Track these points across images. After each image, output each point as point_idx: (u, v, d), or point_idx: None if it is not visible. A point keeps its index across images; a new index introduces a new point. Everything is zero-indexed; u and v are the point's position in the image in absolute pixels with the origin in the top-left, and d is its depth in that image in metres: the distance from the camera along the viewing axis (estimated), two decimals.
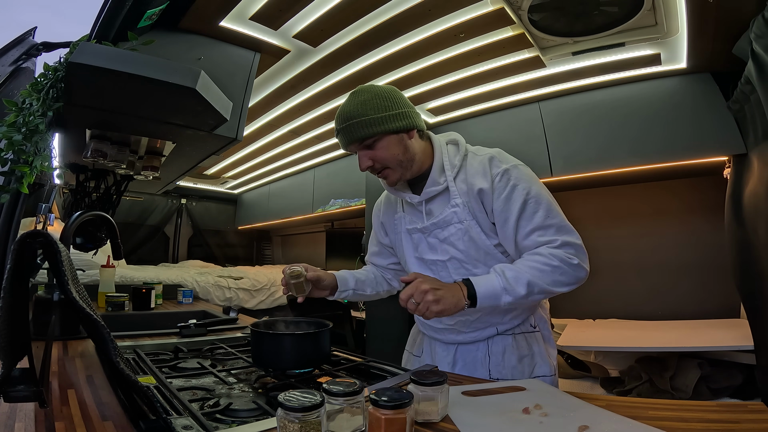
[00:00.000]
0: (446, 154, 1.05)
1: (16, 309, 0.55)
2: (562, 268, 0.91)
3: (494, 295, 0.88)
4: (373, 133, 0.96)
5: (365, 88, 1.00)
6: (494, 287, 0.89)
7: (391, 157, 0.99)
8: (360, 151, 1.00)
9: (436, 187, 1.03)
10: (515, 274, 0.90)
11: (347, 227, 4.19)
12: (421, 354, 1.19)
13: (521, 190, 0.96)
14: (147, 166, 1.80)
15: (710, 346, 1.85)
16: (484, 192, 0.99)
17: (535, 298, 0.92)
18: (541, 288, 0.90)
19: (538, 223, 0.95)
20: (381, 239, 1.26)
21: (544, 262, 0.91)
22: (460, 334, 1.07)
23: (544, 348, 1.07)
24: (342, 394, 0.54)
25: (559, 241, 0.93)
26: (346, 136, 0.98)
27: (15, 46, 1.61)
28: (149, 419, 0.57)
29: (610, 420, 0.58)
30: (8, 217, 1.47)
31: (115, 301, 1.74)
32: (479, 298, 0.87)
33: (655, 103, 2.04)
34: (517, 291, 0.88)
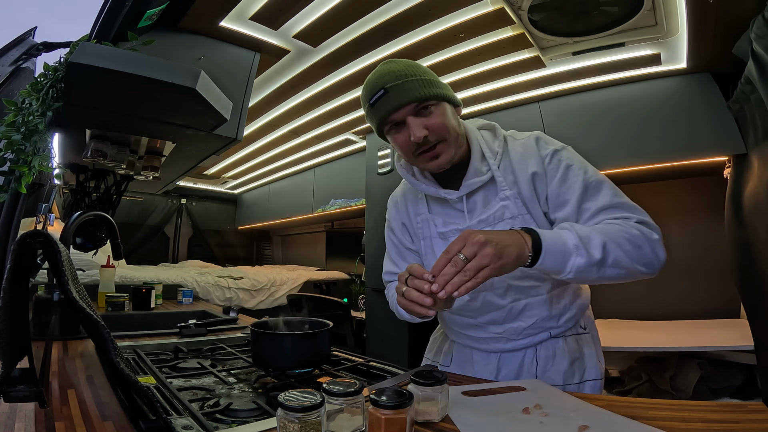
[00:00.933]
0: (482, 140, 0.91)
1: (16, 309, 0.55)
2: (641, 240, 0.75)
3: (564, 252, 0.70)
4: (434, 94, 0.82)
5: (403, 59, 0.87)
6: (564, 241, 0.71)
7: (450, 126, 0.84)
8: (411, 117, 0.82)
9: (479, 178, 0.88)
10: (587, 232, 0.73)
11: (347, 227, 4.19)
12: (449, 364, 1.02)
13: (577, 170, 0.84)
14: (147, 166, 1.80)
15: (710, 346, 1.85)
16: (537, 176, 0.86)
17: (607, 275, 0.73)
18: (616, 258, 0.72)
19: (605, 203, 0.81)
20: (407, 243, 1.04)
21: (620, 229, 0.75)
22: (508, 342, 0.93)
23: (594, 350, 0.95)
24: (342, 394, 0.54)
25: (635, 218, 0.79)
26: (402, 93, 0.80)
27: (15, 46, 1.61)
28: (149, 419, 0.57)
29: (610, 420, 0.58)
30: (8, 217, 1.47)
31: (115, 301, 1.74)
32: (545, 252, 0.69)
33: (654, 103, 2.04)
34: (590, 252, 0.71)
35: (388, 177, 2.92)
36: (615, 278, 0.75)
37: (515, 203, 0.87)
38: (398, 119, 0.83)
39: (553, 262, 0.70)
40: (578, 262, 0.71)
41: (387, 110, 0.82)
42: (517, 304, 0.90)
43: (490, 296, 0.91)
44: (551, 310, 0.91)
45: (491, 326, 0.93)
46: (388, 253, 1.11)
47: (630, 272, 0.75)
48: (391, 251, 1.09)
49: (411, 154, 0.86)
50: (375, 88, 0.83)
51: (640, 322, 2.36)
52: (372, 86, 0.84)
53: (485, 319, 0.93)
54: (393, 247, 1.09)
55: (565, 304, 0.92)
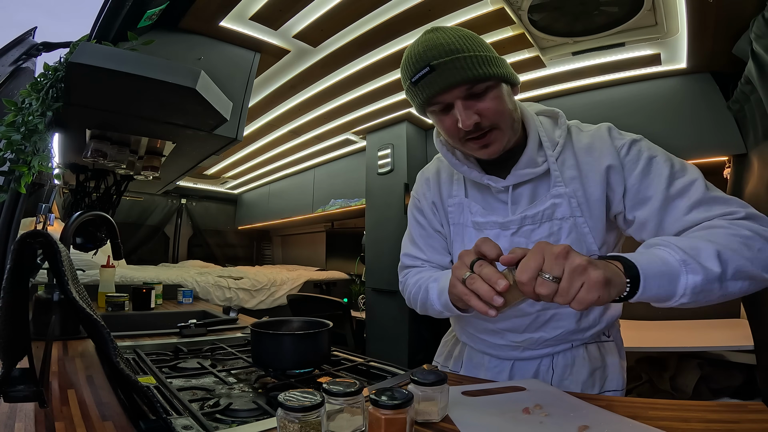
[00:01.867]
0: (541, 127, 0.80)
1: (16, 309, 0.55)
2: (759, 241, 0.60)
3: (669, 272, 0.55)
4: (490, 74, 0.69)
5: (453, 28, 0.73)
6: (664, 260, 0.56)
7: (506, 111, 0.73)
8: (462, 101, 0.70)
9: (532, 169, 0.78)
10: (691, 243, 0.59)
11: (347, 227, 4.19)
12: (459, 369, 0.95)
13: (661, 161, 0.72)
14: (147, 166, 1.80)
15: (710, 346, 1.85)
16: (612, 169, 0.74)
17: (730, 290, 0.58)
18: (738, 266, 0.57)
19: (698, 197, 0.68)
20: (437, 226, 0.92)
21: (729, 232, 0.61)
22: (525, 351, 0.86)
23: (618, 359, 0.87)
24: (342, 394, 0.54)
25: (742, 213, 0.65)
26: (452, 73, 0.68)
27: (15, 46, 1.60)
28: (149, 419, 0.57)
29: (610, 420, 0.58)
30: (8, 217, 1.47)
31: (115, 301, 1.74)
32: (645, 277, 0.54)
33: (654, 103, 2.04)
34: (705, 266, 0.56)
35: (388, 177, 2.92)
36: (738, 293, 0.60)
37: (569, 203, 0.76)
38: (446, 102, 0.72)
39: (658, 288, 0.55)
40: (692, 281, 0.55)
41: (433, 92, 0.70)
42: (545, 314, 0.82)
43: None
44: (579, 324, 0.83)
45: (510, 334, 0.86)
46: (410, 233, 0.97)
47: (756, 282, 0.60)
48: (416, 232, 0.95)
49: (458, 139, 0.75)
50: (419, 64, 0.70)
51: (640, 322, 2.36)
52: (415, 61, 0.71)
53: (506, 325, 0.86)
54: (418, 228, 0.95)
55: (594, 318, 0.84)
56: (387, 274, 2.79)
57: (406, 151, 2.82)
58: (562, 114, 0.83)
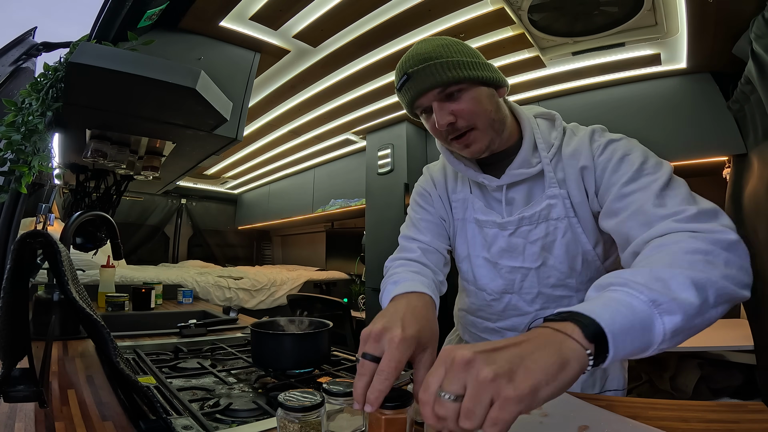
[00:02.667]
0: (537, 129, 0.82)
1: (16, 309, 0.55)
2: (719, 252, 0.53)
3: (641, 322, 0.44)
4: (461, 77, 0.72)
5: (440, 37, 0.79)
6: (632, 307, 0.44)
7: (482, 112, 0.75)
8: (437, 103, 0.75)
9: (526, 170, 0.80)
10: (653, 274, 0.48)
11: (347, 227, 4.19)
12: None
13: (634, 158, 0.72)
14: (147, 166, 1.80)
15: (710, 346, 1.85)
16: (586, 170, 0.76)
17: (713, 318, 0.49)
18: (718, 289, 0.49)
19: (654, 192, 0.66)
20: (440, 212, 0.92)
21: (685, 248, 0.53)
22: None
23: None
24: (342, 394, 0.54)
25: (693, 210, 0.60)
26: (424, 79, 0.73)
27: (15, 46, 1.60)
28: (149, 419, 0.57)
29: (610, 420, 0.58)
30: (8, 217, 1.47)
31: (115, 301, 1.74)
32: (614, 337, 0.41)
33: (655, 103, 2.04)
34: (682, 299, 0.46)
35: (388, 177, 2.92)
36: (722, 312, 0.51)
37: (563, 203, 0.78)
38: (424, 106, 0.77)
39: (632, 344, 0.43)
40: (671, 323, 0.45)
41: (411, 96, 0.76)
42: (544, 312, 0.83)
43: (517, 300, 0.85)
44: None
45: (510, 333, 0.87)
46: (410, 218, 0.95)
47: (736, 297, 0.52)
48: (417, 216, 0.93)
49: (443, 139, 0.80)
50: (399, 73, 0.78)
51: None
52: (398, 70, 0.78)
53: (505, 324, 0.88)
54: (422, 212, 0.93)
55: None
56: None
57: (406, 151, 2.82)
58: (559, 116, 0.84)
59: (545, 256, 0.81)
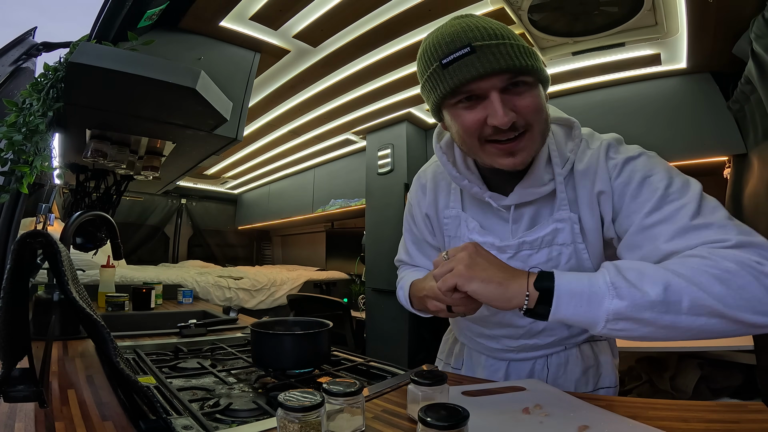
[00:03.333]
0: (552, 139, 0.72)
1: (16, 309, 0.55)
2: (741, 275, 0.49)
3: (591, 294, 0.50)
4: (535, 67, 0.61)
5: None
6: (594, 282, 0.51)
7: (543, 112, 0.64)
8: (499, 93, 0.61)
9: (538, 189, 0.70)
10: (642, 268, 0.52)
11: (347, 227, 4.20)
12: (461, 367, 0.97)
13: (656, 181, 0.63)
14: (147, 166, 1.81)
15: (710, 346, 1.85)
16: (603, 195, 0.67)
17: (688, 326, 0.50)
18: (695, 299, 0.49)
19: (684, 223, 0.58)
20: (427, 237, 0.89)
21: (705, 263, 0.51)
22: (520, 353, 0.86)
23: (611, 357, 0.89)
24: (342, 394, 0.54)
25: (732, 241, 0.54)
26: (496, 57, 0.59)
27: (15, 46, 1.60)
28: (149, 419, 0.57)
29: (610, 420, 0.58)
30: (8, 217, 1.47)
31: (115, 301, 1.74)
32: (559, 295, 0.50)
33: (655, 103, 2.04)
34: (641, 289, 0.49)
35: (388, 177, 2.92)
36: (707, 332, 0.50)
37: (571, 228, 0.70)
38: (479, 91, 0.61)
39: (575, 309, 0.50)
40: (615, 306, 0.48)
41: (470, 76, 0.59)
42: (537, 325, 0.82)
43: (510, 316, 0.83)
44: (572, 331, 0.83)
45: (506, 340, 0.87)
46: (404, 239, 0.96)
47: (730, 323, 0.49)
48: (408, 239, 0.95)
49: (478, 140, 0.65)
50: (455, 44, 0.60)
51: None
52: (450, 41, 0.61)
53: (501, 332, 0.88)
54: (411, 236, 0.94)
55: None
56: (387, 274, 2.79)
57: (406, 151, 2.83)
58: (577, 124, 0.74)
59: None
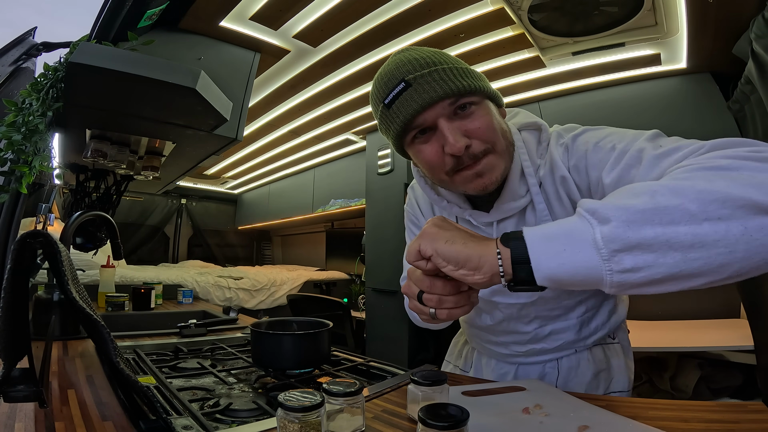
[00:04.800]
0: (524, 149, 0.70)
1: (16, 309, 0.55)
2: (749, 165, 0.41)
3: (570, 231, 0.42)
4: (475, 87, 0.60)
5: (424, 47, 0.66)
6: (565, 220, 0.44)
7: (499, 130, 0.62)
8: (446, 120, 0.60)
9: (515, 203, 0.69)
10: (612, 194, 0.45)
11: (347, 227, 4.19)
12: (469, 370, 0.97)
13: (609, 141, 0.63)
14: (147, 166, 1.81)
15: (710, 346, 1.85)
16: (565, 181, 0.66)
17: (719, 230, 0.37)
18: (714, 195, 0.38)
19: (651, 155, 0.54)
20: None
21: (690, 168, 0.44)
22: (529, 357, 0.86)
23: (624, 361, 0.88)
24: (342, 394, 0.54)
25: (707, 146, 0.48)
26: (431, 86, 0.58)
27: (15, 46, 1.60)
28: (149, 419, 0.57)
29: (610, 420, 0.58)
30: (8, 217, 1.47)
31: (115, 301, 1.74)
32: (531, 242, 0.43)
33: (654, 103, 2.04)
34: (623, 204, 0.40)
35: (388, 177, 2.92)
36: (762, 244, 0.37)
37: None
38: (427, 123, 0.61)
39: (558, 253, 0.41)
40: (601, 232, 0.39)
41: (411, 111, 0.59)
42: (543, 330, 0.83)
43: (515, 324, 0.84)
44: (579, 334, 0.83)
45: (514, 345, 0.87)
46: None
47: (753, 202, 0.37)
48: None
49: (443, 173, 0.63)
50: (392, 82, 0.60)
51: (641, 322, 2.36)
52: (387, 79, 0.61)
53: (507, 339, 0.88)
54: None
55: (596, 326, 0.84)
56: (387, 274, 2.79)
57: None
58: (546, 127, 0.72)
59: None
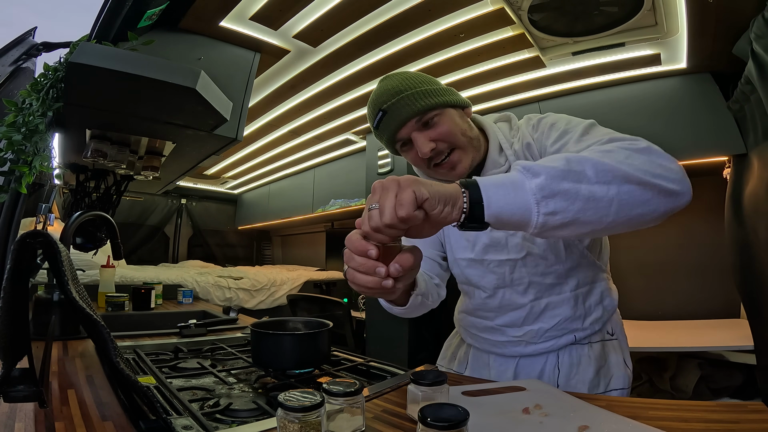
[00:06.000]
0: (500, 133, 0.88)
1: (16, 309, 0.55)
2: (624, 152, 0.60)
3: (512, 182, 0.54)
4: (434, 104, 0.78)
5: (400, 72, 0.84)
6: (510, 174, 0.57)
7: (459, 131, 0.80)
8: (416, 133, 0.79)
9: (497, 170, 0.85)
10: (548, 158, 0.60)
11: (347, 227, 4.19)
12: (464, 370, 0.99)
13: (561, 124, 0.80)
14: (147, 166, 1.81)
15: (710, 346, 1.85)
16: (529, 147, 0.83)
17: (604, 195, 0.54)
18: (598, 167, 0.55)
19: (576, 138, 0.74)
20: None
21: (596, 150, 0.64)
22: (529, 345, 0.89)
23: (622, 357, 0.92)
24: (342, 394, 0.54)
25: (605, 139, 0.67)
26: (400, 111, 0.78)
27: (15, 46, 1.60)
28: (149, 419, 0.57)
29: (610, 420, 0.58)
30: (8, 217, 1.47)
31: (115, 301, 1.74)
32: (485, 187, 0.54)
33: (654, 103, 2.04)
34: (548, 165, 0.55)
35: None
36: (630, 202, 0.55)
37: None
38: (404, 138, 0.81)
39: (505, 198, 0.53)
40: (536, 183, 0.53)
41: (390, 131, 0.80)
42: (539, 303, 0.87)
43: (510, 293, 0.88)
44: (575, 310, 0.87)
45: (510, 329, 0.90)
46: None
47: (644, 189, 0.56)
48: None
49: (426, 168, 0.84)
50: (374, 111, 0.82)
51: (640, 322, 2.36)
52: (372, 109, 0.83)
53: (504, 320, 0.90)
54: None
55: (590, 304, 0.88)
56: None
57: None
58: (514, 117, 0.91)
59: (528, 246, 0.85)
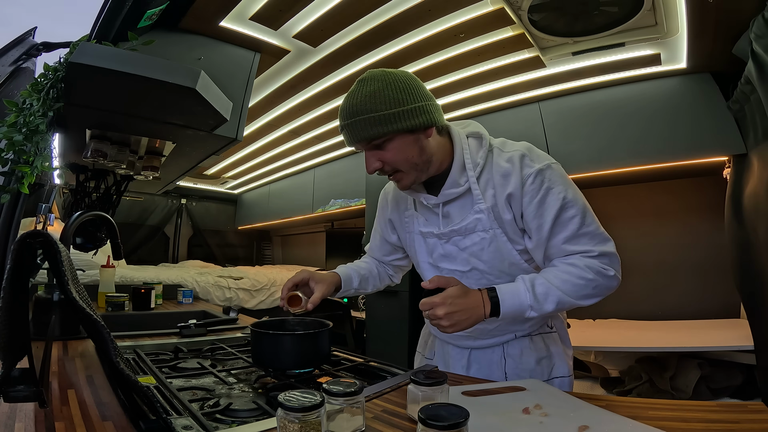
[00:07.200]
0: (467, 150, 0.92)
1: (16, 309, 0.55)
2: (597, 281, 0.84)
3: (519, 311, 0.82)
4: (382, 133, 0.82)
5: (376, 75, 0.84)
6: (521, 302, 0.82)
7: (404, 160, 0.86)
8: (367, 152, 0.87)
9: (455, 189, 0.92)
10: (545, 289, 0.83)
11: (347, 227, 4.19)
12: (433, 357, 1.12)
13: (556, 194, 0.86)
14: (147, 166, 1.81)
15: (710, 346, 1.85)
16: (513, 197, 0.89)
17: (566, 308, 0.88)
18: (569, 304, 0.84)
19: (573, 231, 0.86)
20: (387, 236, 1.15)
21: (579, 275, 0.84)
22: (477, 340, 1.01)
23: (562, 348, 1.02)
24: (342, 394, 0.54)
25: (596, 252, 0.85)
26: (352, 134, 0.85)
27: (15, 46, 1.60)
28: (149, 419, 0.57)
29: (610, 420, 0.58)
30: (8, 217, 1.47)
31: (115, 301, 1.74)
32: (503, 313, 0.81)
33: (655, 103, 2.04)
34: (544, 308, 0.82)
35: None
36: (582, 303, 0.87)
37: (488, 217, 0.90)
38: (358, 150, 0.90)
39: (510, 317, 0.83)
40: (532, 314, 0.83)
41: (348, 143, 0.88)
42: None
43: None
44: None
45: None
46: (374, 229, 1.21)
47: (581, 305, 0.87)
48: (375, 234, 1.20)
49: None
50: (340, 119, 0.88)
51: (640, 322, 2.37)
52: (340, 116, 0.89)
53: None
54: (377, 232, 1.20)
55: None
56: None
57: None
58: (485, 134, 0.94)
59: (474, 262, 0.95)
